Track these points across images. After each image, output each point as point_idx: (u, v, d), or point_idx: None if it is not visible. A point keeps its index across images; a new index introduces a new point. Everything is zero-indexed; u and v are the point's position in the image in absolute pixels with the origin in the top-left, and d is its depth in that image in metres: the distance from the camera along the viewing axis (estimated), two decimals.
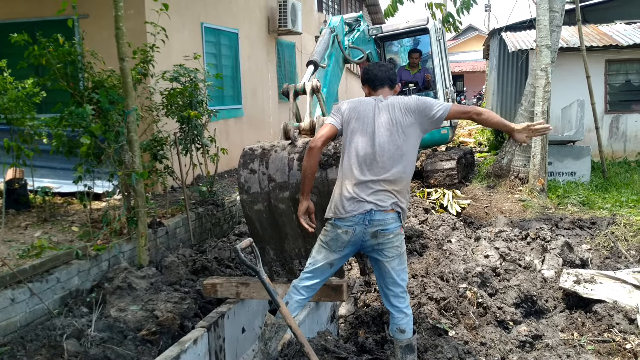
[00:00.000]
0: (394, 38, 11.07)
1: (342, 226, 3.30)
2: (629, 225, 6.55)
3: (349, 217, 3.27)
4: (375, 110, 3.38)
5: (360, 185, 3.28)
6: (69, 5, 5.13)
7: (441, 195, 8.80)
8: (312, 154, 3.41)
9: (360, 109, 3.39)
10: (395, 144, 3.32)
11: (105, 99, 5.16)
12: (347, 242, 3.33)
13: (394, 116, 3.36)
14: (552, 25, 8.61)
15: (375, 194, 3.28)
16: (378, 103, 3.42)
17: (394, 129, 3.34)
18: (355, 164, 3.31)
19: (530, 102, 8.96)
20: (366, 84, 3.64)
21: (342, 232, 3.30)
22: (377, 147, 3.31)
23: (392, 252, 3.36)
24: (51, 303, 4.42)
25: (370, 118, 3.35)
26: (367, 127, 3.34)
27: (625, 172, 10.35)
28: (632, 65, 11.97)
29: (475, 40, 36.44)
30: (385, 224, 3.29)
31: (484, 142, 15.84)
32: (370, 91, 3.59)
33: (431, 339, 4.16)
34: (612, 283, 5.03)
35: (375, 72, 3.61)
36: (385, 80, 3.58)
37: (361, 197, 3.27)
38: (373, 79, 3.59)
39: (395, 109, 3.38)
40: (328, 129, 3.42)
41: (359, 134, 3.34)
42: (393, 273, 3.40)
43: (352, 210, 3.26)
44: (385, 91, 3.56)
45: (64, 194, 6.66)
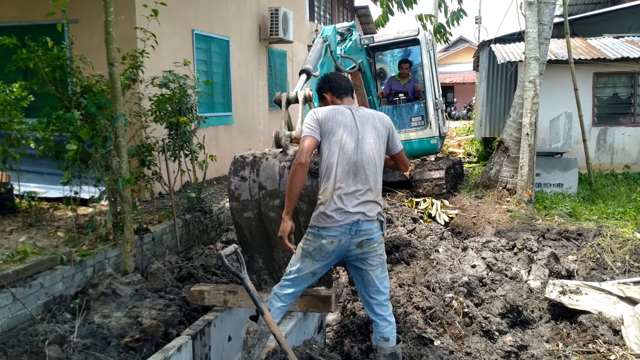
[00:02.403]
0: (385, 48, 11.15)
1: (327, 236, 3.27)
2: (615, 237, 6.59)
3: (335, 227, 3.26)
4: (356, 120, 3.39)
5: (347, 195, 3.27)
6: (59, 9, 5.11)
7: (429, 204, 8.81)
8: (301, 171, 3.27)
9: (340, 118, 3.37)
10: (379, 153, 3.40)
11: (93, 104, 5.14)
12: (332, 252, 3.32)
13: (376, 126, 3.41)
14: (541, 38, 8.71)
15: (363, 204, 3.29)
16: (355, 112, 3.43)
17: (377, 139, 3.40)
18: (341, 174, 3.29)
19: (518, 113, 9.03)
20: (329, 91, 3.62)
21: (326, 243, 3.28)
22: (364, 156, 3.32)
23: (376, 261, 3.38)
24: (34, 309, 4.37)
25: (354, 127, 3.36)
26: (352, 136, 3.33)
27: (612, 185, 10.44)
28: (620, 78, 12.11)
29: (465, 52, 36.74)
30: (370, 233, 3.31)
31: (473, 153, 15.93)
32: (334, 99, 3.59)
33: (417, 349, 4.15)
34: (597, 294, 5.06)
35: (339, 81, 3.64)
36: (349, 90, 3.64)
37: (349, 207, 3.26)
38: (338, 87, 3.61)
39: (376, 120, 3.45)
40: (310, 142, 3.31)
41: (344, 144, 3.32)
42: (377, 281, 3.41)
43: (340, 220, 3.25)
44: (349, 100, 3.59)
45: (51, 199, 6.61)
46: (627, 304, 4.88)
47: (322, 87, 3.69)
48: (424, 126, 10.26)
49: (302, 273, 3.39)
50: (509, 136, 9.36)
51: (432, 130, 10.21)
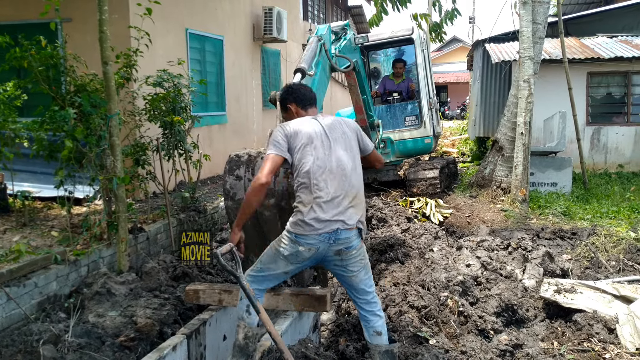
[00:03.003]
0: (379, 47, 11.15)
1: (304, 244, 3.25)
2: (609, 236, 6.62)
3: (313, 235, 3.23)
4: (325, 129, 3.38)
5: (327, 203, 3.25)
6: (52, 8, 5.09)
7: (424, 204, 8.82)
8: (260, 191, 3.23)
9: (308, 130, 3.34)
10: (352, 159, 3.39)
11: (88, 103, 5.11)
12: (308, 258, 3.32)
13: (344, 131, 3.42)
14: (535, 37, 8.73)
15: (343, 212, 3.28)
16: (322, 122, 3.42)
17: (348, 144, 3.40)
18: (318, 182, 3.26)
19: (512, 112, 9.05)
20: (294, 102, 3.58)
21: (303, 250, 3.26)
22: (339, 163, 3.31)
23: (357, 266, 3.39)
24: (28, 308, 4.35)
25: (324, 136, 3.34)
26: (323, 145, 3.32)
27: (606, 184, 10.48)
28: (614, 78, 12.16)
29: (459, 52, 36.82)
30: (349, 242, 3.31)
31: (467, 152, 15.96)
32: (299, 110, 3.55)
33: (412, 347, 4.16)
34: (592, 293, 5.08)
35: (303, 92, 3.62)
36: (313, 100, 3.62)
37: (328, 215, 3.23)
38: (303, 98, 3.58)
39: (343, 125, 3.45)
40: (274, 162, 3.27)
41: (317, 154, 3.29)
42: (361, 284, 3.43)
43: (318, 229, 3.22)
44: (314, 110, 3.57)
45: (44, 198, 6.58)
46: (621, 302, 4.90)
47: (286, 98, 3.64)
48: (418, 126, 10.27)
49: (274, 272, 3.39)
50: (503, 135, 9.38)
51: (426, 129, 10.22)
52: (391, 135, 10.13)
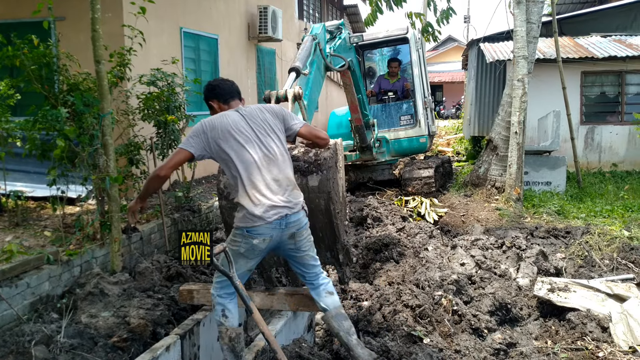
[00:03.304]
0: (374, 47, 11.16)
1: (257, 236, 3.27)
2: (603, 234, 6.64)
3: (263, 225, 3.25)
4: (246, 119, 3.37)
5: (268, 189, 3.27)
6: (45, 6, 5.06)
7: (419, 203, 8.83)
8: (157, 182, 3.39)
9: (229, 122, 3.33)
10: (278, 144, 3.40)
11: (80, 102, 5.09)
12: (265, 249, 3.37)
13: (266, 118, 3.42)
14: (529, 37, 8.74)
15: (285, 193, 3.31)
16: (242, 112, 3.41)
17: (271, 130, 3.40)
18: (254, 173, 3.27)
19: (507, 112, 9.07)
20: (215, 99, 3.56)
21: (258, 242, 3.29)
22: (266, 150, 3.33)
23: (306, 245, 3.50)
24: (20, 309, 4.32)
25: (246, 127, 3.34)
26: (246, 136, 3.31)
27: (600, 183, 10.52)
28: (607, 77, 12.20)
29: (454, 51, 36.87)
30: (299, 223, 3.38)
31: (462, 152, 15.99)
32: (221, 105, 3.53)
33: (406, 347, 4.15)
34: (585, 292, 5.09)
35: (223, 86, 3.59)
36: (234, 93, 3.58)
37: (273, 202, 3.25)
38: (223, 93, 3.55)
39: (264, 112, 3.44)
40: (181, 156, 3.33)
41: (244, 145, 3.29)
42: (310, 260, 3.55)
43: (268, 217, 3.24)
44: (236, 102, 3.55)
45: (38, 198, 6.54)
46: (615, 301, 4.91)
47: (207, 96, 3.63)
48: (413, 125, 10.28)
49: (238, 272, 3.38)
50: (497, 135, 9.39)
51: (421, 128, 10.23)
52: (386, 135, 10.13)
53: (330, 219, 3.87)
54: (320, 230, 3.93)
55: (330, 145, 3.93)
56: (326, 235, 3.96)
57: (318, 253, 4.07)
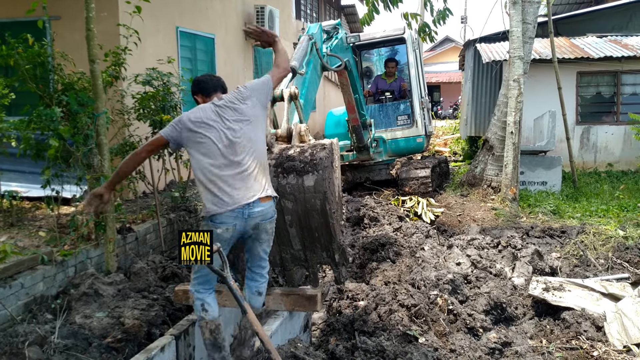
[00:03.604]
0: (371, 47, 11.17)
1: (220, 225, 3.30)
2: (598, 234, 6.65)
3: (226, 212, 3.27)
4: (217, 111, 3.43)
5: (232, 178, 3.30)
6: (40, 5, 5.04)
7: (415, 203, 8.84)
8: (133, 160, 3.51)
9: (203, 115, 3.42)
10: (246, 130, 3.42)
11: (75, 102, 5.07)
12: (230, 239, 3.38)
13: (235, 107, 3.46)
14: (525, 37, 8.76)
15: (249, 182, 3.33)
16: (215, 103, 3.48)
17: (240, 118, 3.44)
18: (219, 162, 3.32)
19: (503, 112, 9.08)
20: (199, 93, 3.64)
21: (222, 232, 3.31)
22: (234, 138, 3.36)
23: (264, 238, 3.51)
24: (14, 309, 4.31)
25: (217, 118, 3.40)
26: (217, 126, 3.37)
27: (595, 183, 10.54)
28: (603, 77, 12.22)
29: (451, 52, 36.88)
30: (264, 214, 3.39)
31: (458, 152, 16.00)
32: (205, 99, 3.60)
33: (401, 346, 4.16)
34: (580, 291, 5.10)
35: (206, 80, 3.67)
36: (217, 87, 3.64)
37: (236, 192, 3.29)
38: (205, 87, 3.62)
39: (233, 100, 3.48)
40: (157, 140, 3.49)
41: (213, 135, 3.35)
42: (262, 252, 3.56)
43: (229, 203, 3.27)
44: (218, 95, 3.59)
45: (32, 198, 6.52)
46: (609, 300, 4.92)
47: (193, 90, 3.71)
48: (410, 125, 10.29)
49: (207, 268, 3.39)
50: (493, 135, 9.40)
51: (418, 129, 10.24)
52: (383, 135, 10.14)
53: (326, 219, 3.86)
54: (316, 230, 3.93)
55: (326, 144, 3.93)
56: (322, 235, 3.95)
57: (314, 253, 4.07)
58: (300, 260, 4.15)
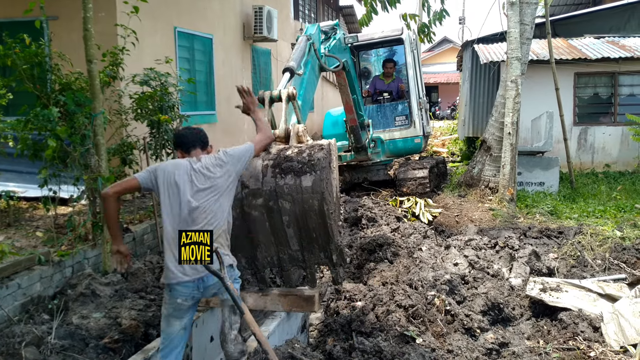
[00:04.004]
0: (369, 47, 11.16)
1: (178, 296, 3.29)
2: (596, 235, 6.66)
3: (181, 283, 3.26)
4: (190, 173, 3.36)
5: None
6: (37, 5, 5.04)
7: (413, 203, 8.84)
8: (106, 200, 3.37)
9: (176, 173, 3.36)
10: (211, 201, 3.36)
11: (72, 102, 5.06)
12: (190, 307, 3.36)
13: (207, 175, 3.38)
14: (523, 38, 8.76)
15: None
16: (192, 165, 3.40)
17: (210, 187, 3.37)
18: (179, 227, 3.27)
19: (500, 112, 9.09)
20: (178, 148, 3.58)
21: (181, 301, 3.30)
22: (199, 208, 3.31)
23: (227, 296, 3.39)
24: (11, 309, 4.30)
25: (187, 182, 3.34)
26: (184, 191, 3.32)
27: (593, 183, 10.55)
28: (600, 78, 12.24)
29: (449, 52, 36.91)
30: (219, 286, 3.32)
31: (456, 152, 16.02)
32: (184, 154, 3.54)
33: (399, 346, 4.15)
34: (577, 291, 5.10)
35: (185, 135, 3.58)
36: (197, 142, 3.55)
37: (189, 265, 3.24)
38: (184, 141, 3.54)
39: (209, 167, 3.41)
40: (129, 182, 3.40)
41: (178, 199, 3.31)
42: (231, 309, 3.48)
43: (184, 275, 3.25)
44: (198, 152, 3.52)
45: (30, 198, 6.51)
46: (606, 301, 4.93)
47: (174, 145, 3.71)
48: (408, 125, 10.30)
49: (174, 334, 3.38)
50: (491, 135, 9.41)
51: (416, 129, 10.24)
52: (381, 135, 10.14)
53: (324, 220, 3.86)
54: (313, 231, 3.93)
55: (324, 145, 3.92)
56: (320, 236, 3.95)
57: (312, 253, 4.07)
58: (297, 261, 4.14)
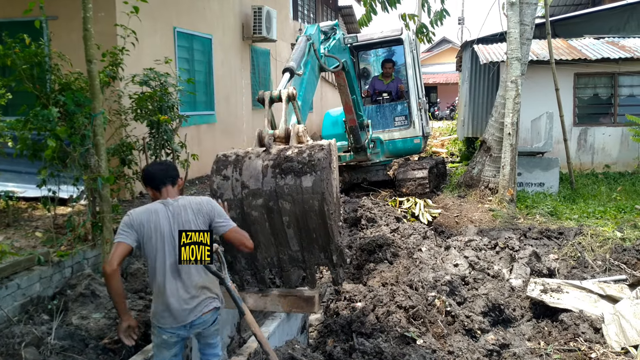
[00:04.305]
0: (368, 48, 11.16)
1: (165, 333, 3.30)
2: (596, 235, 6.65)
3: (168, 326, 3.28)
4: (169, 218, 3.30)
5: (175, 298, 3.25)
6: (37, 5, 5.02)
7: (413, 204, 8.83)
8: (112, 279, 3.20)
9: (153, 219, 3.28)
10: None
11: (72, 102, 5.05)
12: (176, 342, 3.36)
13: (187, 219, 3.32)
14: (523, 38, 8.76)
15: (192, 300, 3.29)
16: (169, 208, 3.33)
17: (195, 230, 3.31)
18: (166, 277, 3.25)
19: (500, 113, 9.08)
20: (148, 186, 3.50)
21: (167, 338, 3.31)
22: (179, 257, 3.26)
23: (212, 337, 3.48)
24: (11, 310, 4.28)
25: (167, 228, 3.27)
26: (166, 238, 3.27)
27: (593, 184, 10.55)
28: (600, 79, 12.24)
29: (449, 53, 36.93)
30: (206, 324, 3.37)
31: (455, 153, 16.01)
32: (155, 192, 3.46)
33: (399, 348, 4.14)
34: (578, 292, 5.10)
35: (153, 172, 3.48)
36: (166, 179, 3.44)
37: (178, 309, 3.25)
38: (152, 178, 3.45)
39: (188, 211, 3.34)
40: (121, 249, 3.23)
41: (162, 247, 3.26)
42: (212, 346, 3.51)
43: (172, 323, 3.26)
44: (169, 189, 3.43)
45: (29, 198, 6.50)
46: (607, 302, 4.92)
47: (143, 182, 3.61)
48: (407, 126, 10.29)
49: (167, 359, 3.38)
50: (491, 136, 9.41)
51: (415, 129, 10.24)
52: (381, 135, 10.14)
53: (324, 220, 3.85)
54: (313, 231, 3.92)
55: (325, 145, 3.91)
56: (320, 236, 3.94)
57: (311, 254, 4.06)
58: (297, 262, 4.13)
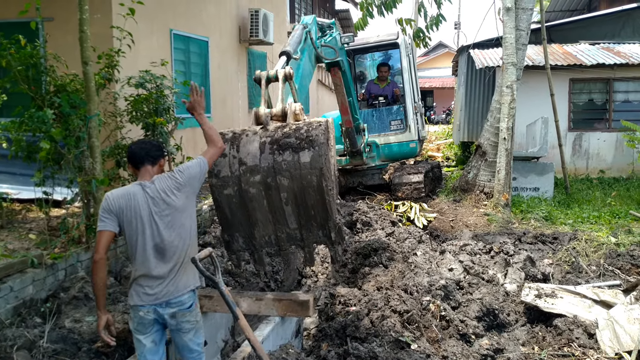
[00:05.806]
0: (364, 51, 11.20)
1: (141, 309, 3.30)
2: (590, 240, 6.67)
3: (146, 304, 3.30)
4: (147, 200, 3.31)
5: (151, 279, 3.28)
6: (33, 7, 5.01)
7: (408, 208, 8.84)
8: (99, 267, 3.25)
9: (132, 204, 3.30)
10: (175, 226, 3.35)
11: (67, 103, 5.04)
12: (153, 321, 3.35)
13: (167, 201, 3.33)
14: (518, 44, 8.80)
15: (171, 281, 3.31)
16: (146, 191, 3.33)
17: (170, 212, 3.34)
18: (147, 259, 3.28)
19: (496, 118, 9.11)
20: (129, 163, 3.52)
21: (143, 314, 3.31)
22: (161, 235, 3.30)
23: (187, 328, 3.42)
24: (3, 313, 4.26)
25: (146, 212, 3.29)
26: (145, 222, 3.29)
27: (587, 189, 10.58)
28: (595, 84, 12.29)
29: (445, 57, 37.03)
30: (182, 303, 3.35)
31: (451, 157, 16.04)
32: (134, 170, 3.49)
33: (393, 352, 4.14)
34: (572, 297, 5.10)
35: (134, 150, 3.49)
36: (146, 158, 3.43)
37: (153, 291, 3.28)
38: (133, 156, 3.46)
39: (167, 192, 3.35)
40: (105, 237, 3.28)
41: (142, 230, 3.28)
42: (189, 343, 3.46)
43: (148, 300, 3.28)
44: (147, 169, 3.43)
45: (23, 200, 6.46)
46: (601, 307, 4.93)
47: (127, 160, 3.63)
48: (403, 130, 10.31)
49: (147, 349, 3.37)
50: (486, 140, 9.43)
51: (411, 133, 10.26)
52: (376, 139, 10.15)
53: (323, 196, 3.83)
54: (312, 208, 3.90)
55: (322, 122, 3.91)
56: (318, 213, 3.92)
57: (310, 232, 4.03)
58: (296, 240, 4.10)
